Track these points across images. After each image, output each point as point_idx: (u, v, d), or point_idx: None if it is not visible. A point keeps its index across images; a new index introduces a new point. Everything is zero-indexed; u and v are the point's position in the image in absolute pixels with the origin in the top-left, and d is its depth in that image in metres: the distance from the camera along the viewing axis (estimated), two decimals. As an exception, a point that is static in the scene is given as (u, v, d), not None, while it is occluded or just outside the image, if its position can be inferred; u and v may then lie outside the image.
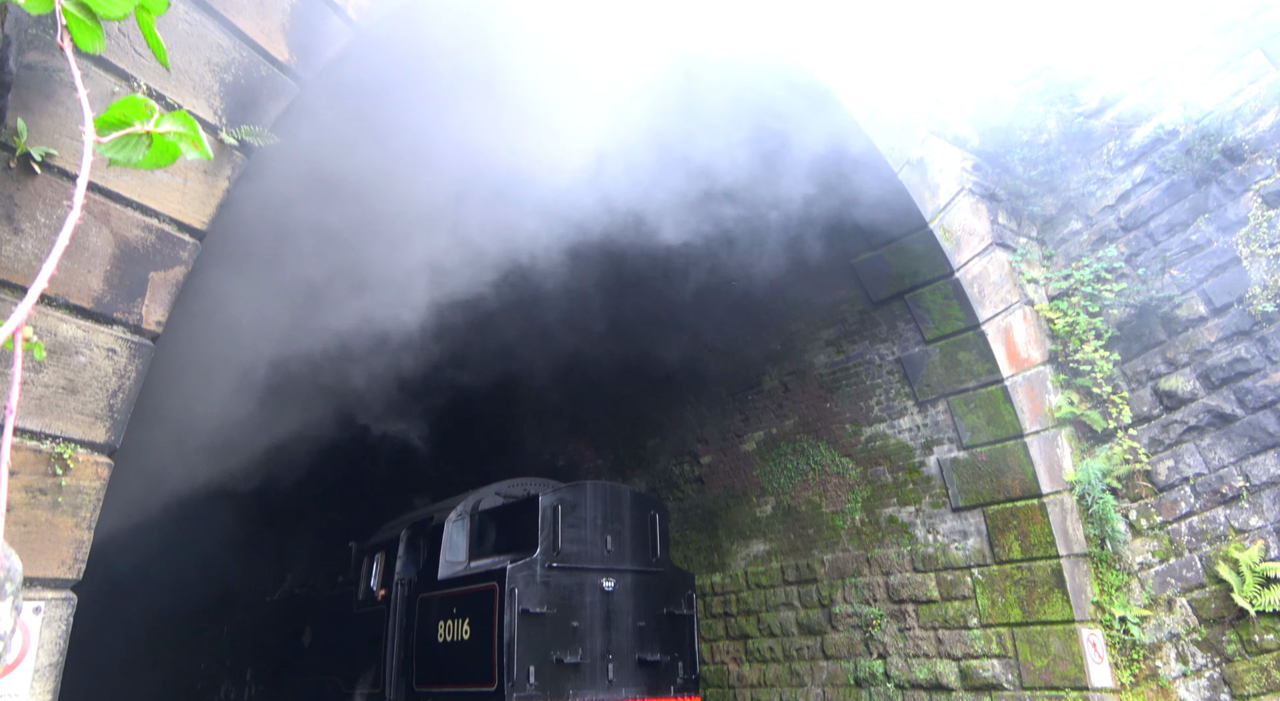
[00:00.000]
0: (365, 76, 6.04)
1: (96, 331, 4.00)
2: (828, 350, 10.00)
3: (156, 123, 1.33)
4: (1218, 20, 8.18)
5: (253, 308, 7.44)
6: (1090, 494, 8.03)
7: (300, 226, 6.88)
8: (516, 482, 10.07)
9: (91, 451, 3.96)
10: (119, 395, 4.07)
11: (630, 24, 6.58)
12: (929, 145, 8.58)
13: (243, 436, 9.65)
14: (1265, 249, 7.48)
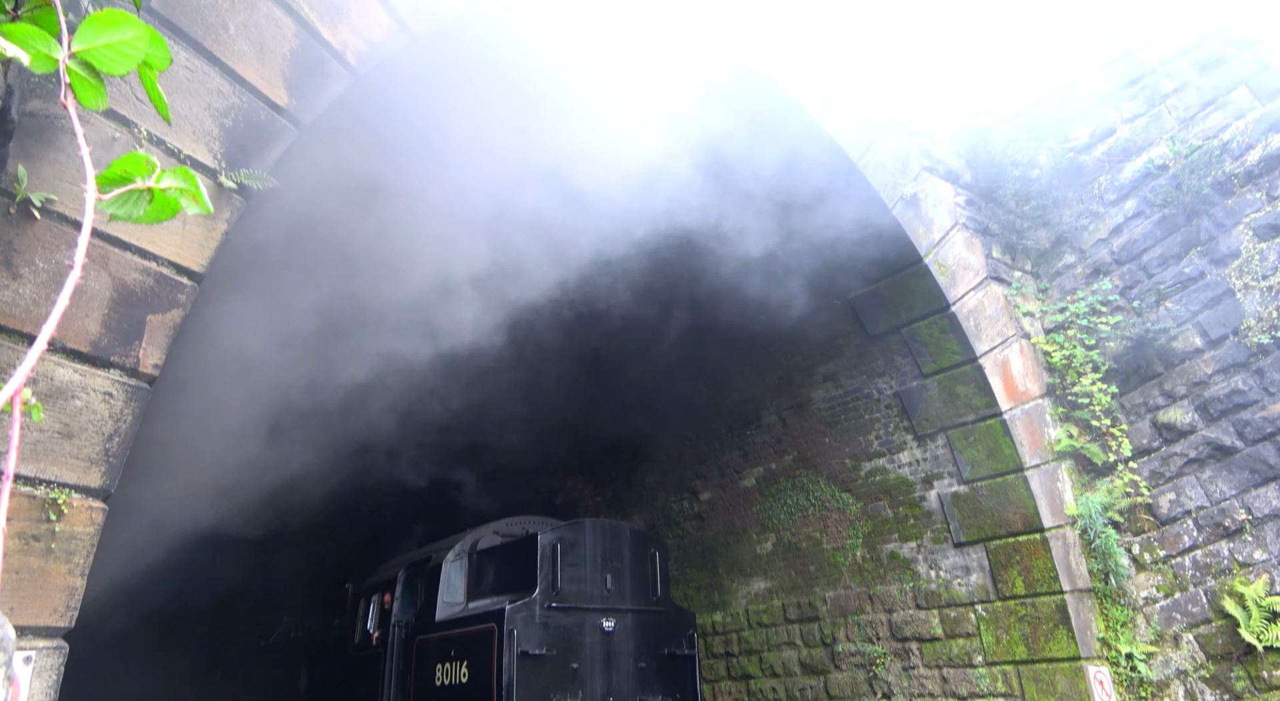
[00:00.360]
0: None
1: (93, 375, 3.99)
2: (826, 385, 9.99)
3: (158, 179, 1.34)
4: (1202, 57, 8.32)
5: (250, 350, 7.43)
6: (1092, 528, 7.98)
7: (297, 265, 6.91)
8: (515, 521, 9.95)
9: (86, 496, 3.92)
10: (115, 439, 4.04)
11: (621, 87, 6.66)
12: (922, 181, 8.67)
13: (239, 479, 9.59)
14: (1259, 281, 7.52)
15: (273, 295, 6.97)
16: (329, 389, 8.60)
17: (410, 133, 6.54)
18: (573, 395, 11.36)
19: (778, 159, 7.89)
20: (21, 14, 1.73)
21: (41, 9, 1.72)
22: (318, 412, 9.04)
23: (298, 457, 9.80)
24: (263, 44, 4.81)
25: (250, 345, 7.33)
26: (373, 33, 5.34)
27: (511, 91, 6.49)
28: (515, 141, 6.84)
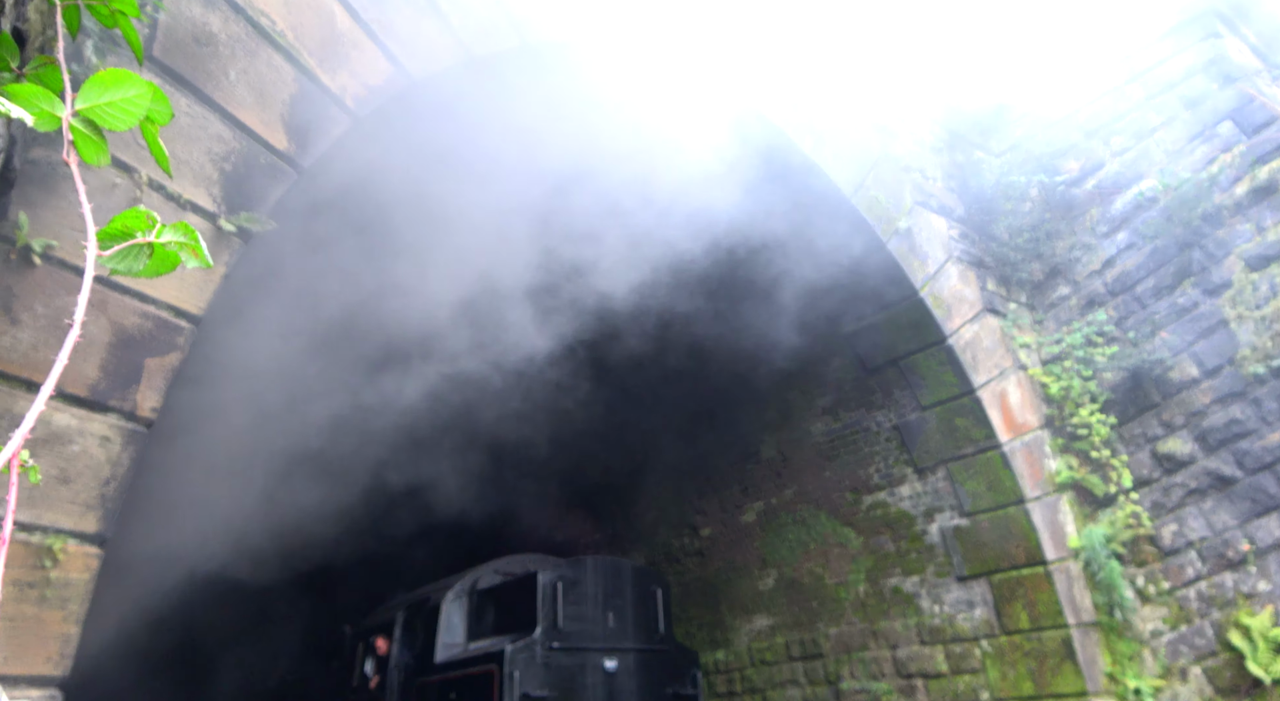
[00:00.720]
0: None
1: (91, 420, 3.99)
2: (824, 418, 9.98)
3: (158, 234, 1.36)
4: (1187, 92, 8.47)
5: (251, 393, 7.44)
6: (1095, 560, 7.93)
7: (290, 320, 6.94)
8: (515, 559, 9.81)
9: (82, 542, 3.90)
10: (111, 484, 4.03)
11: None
12: (916, 215, 8.75)
13: (237, 522, 9.53)
14: (1252, 311, 7.57)
15: (273, 338, 7.00)
16: (332, 430, 8.58)
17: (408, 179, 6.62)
18: (571, 432, 11.33)
19: (771, 195, 7.97)
20: (27, 71, 1.77)
21: (46, 66, 1.76)
22: (320, 454, 9.02)
23: (297, 499, 9.75)
24: (263, 90, 4.88)
25: (251, 389, 7.35)
26: (371, 77, 5.43)
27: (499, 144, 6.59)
28: (517, 182, 6.92)
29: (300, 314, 7.15)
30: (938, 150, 9.43)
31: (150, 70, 4.32)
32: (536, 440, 11.44)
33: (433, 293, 7.59)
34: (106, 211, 4.04)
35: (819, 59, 8.36)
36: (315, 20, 5.18)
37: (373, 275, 7.32)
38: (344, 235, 6.79)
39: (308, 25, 5.14)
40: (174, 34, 4.44)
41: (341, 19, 5.32)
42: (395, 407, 8.81)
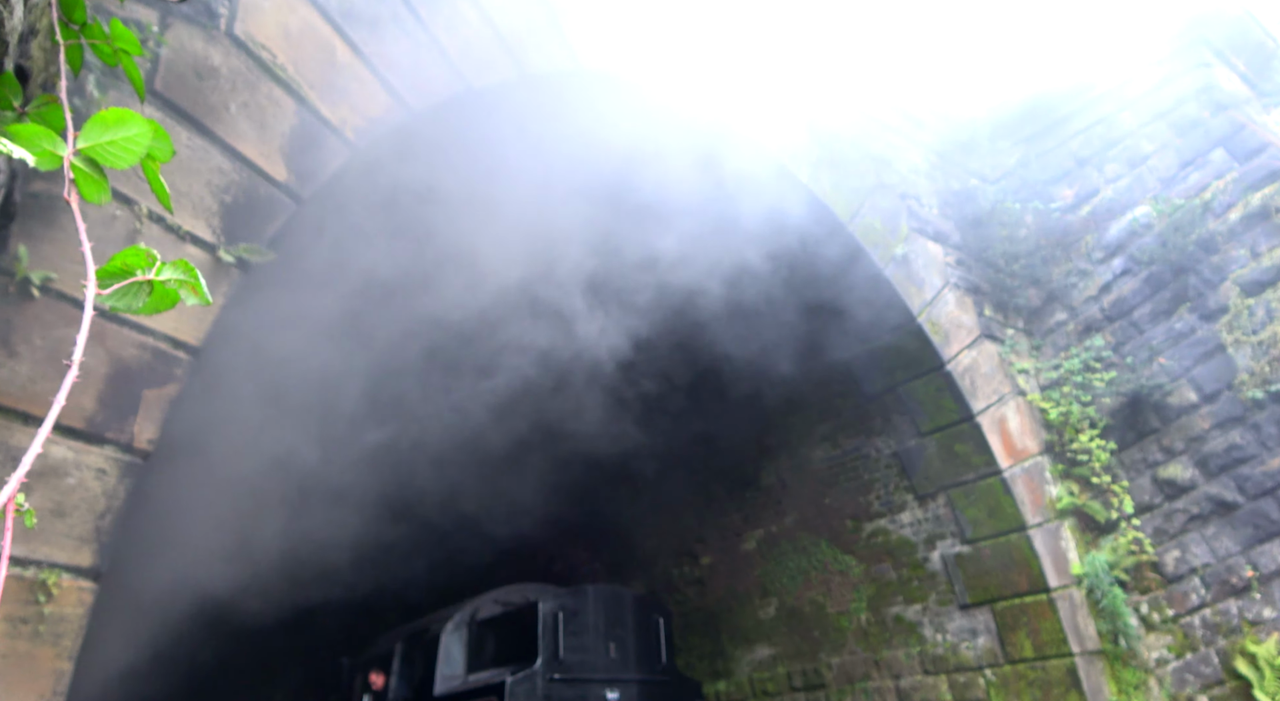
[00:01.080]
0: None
1: (87, 452, 3.97)
2: (824, 445, 9.95)
3: (158, 272, 1.36)
4: (1179, 120, 8.56)
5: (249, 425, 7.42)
6: (1099, 587, 7.87)
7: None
8: (515, 589, 9.69)
9: (76, 576, 3.86)
10: (107, 516, 4.00)
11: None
12: (912, 242, 8.80)
13: (234, 553, 9.46)
14: (1249, 336, 7.59)
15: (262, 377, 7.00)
16: (330, 463, 8.55)
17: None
18: (568, 460, 11.28)
19: (770, 222, 8.02)
20: (30, 110, 1.78)
21: (49, 105, 1.78)
22: (318, 485, 8.98)
23: (295, 530, 9.69)
24: (263, 122, 4.92)
25: (251, 420, 7.33)
26: (371, 109, 5.48)
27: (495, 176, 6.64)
28: (525, 216, 6.97)
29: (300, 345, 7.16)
30: (932, 177, 9.50)
31: (152, 104, 4.35)
32: (535, 469, 11.40)
33: (438, 322, 7.62)
34: (107, 243, 4.07)
35: (814, 89, 8.45)
36: (315, 53, 5.24)
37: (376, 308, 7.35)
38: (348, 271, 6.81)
39: (308, 58, 5.19)
40: (175, 68, 4.49)
41: (342, 52, 5.38)
42: (398, 440, 8.79)
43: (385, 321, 7.51)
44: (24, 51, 2.31)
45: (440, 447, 10.41)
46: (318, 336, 6.98)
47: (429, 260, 6.91)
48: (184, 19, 4.58)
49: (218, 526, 8.95)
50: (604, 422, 10.63)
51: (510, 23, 6.19)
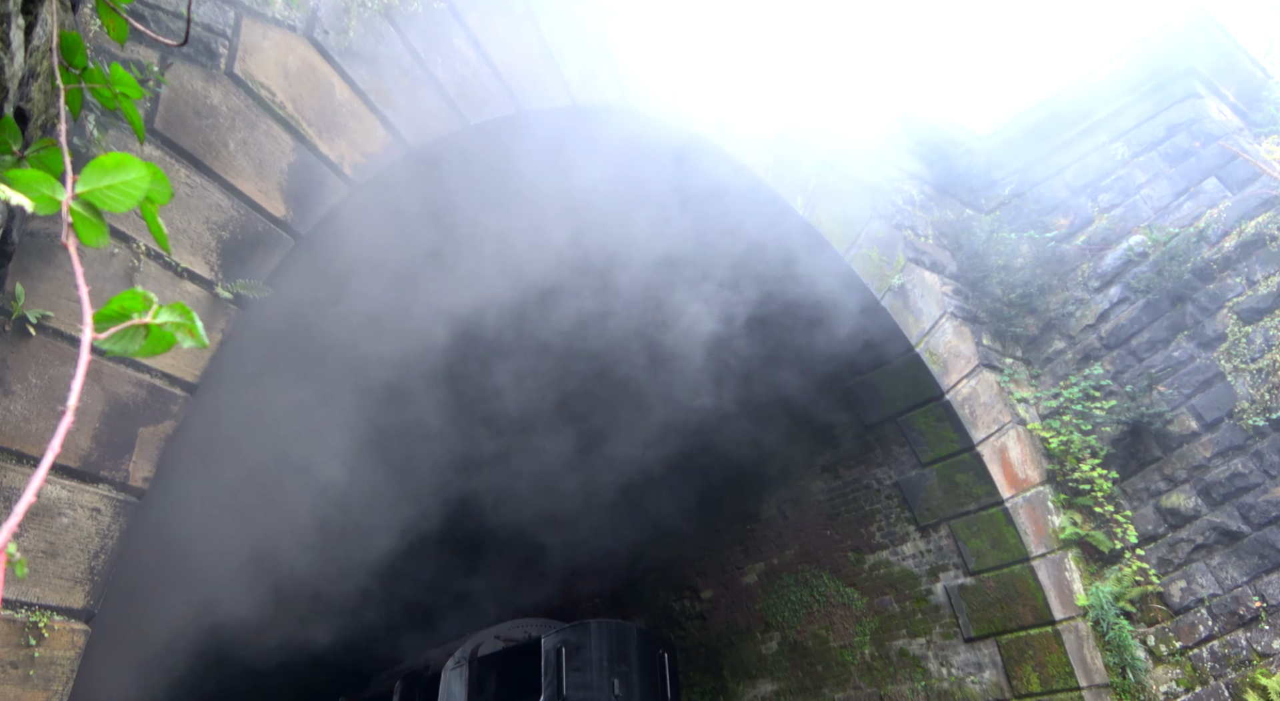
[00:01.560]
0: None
1: (82, 491, 3.92)
2: (824, 476, 9.89)
3: (155, 315, 1.34)
4: (1171, 150, 8.64)
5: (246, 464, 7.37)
6: (1105, 619, 7.77)
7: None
8: (517, 624, 9.54)
9: (69, 618, 3.79)
10: (100, 557, 3.94)
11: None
12: (909, 272, 8.82)
13: (228, 591, 9.33)
14: (1248, 364, 7.59)
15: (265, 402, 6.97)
16: (325, 501, 8.48)
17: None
18: (569, 494, 11.20)
19: (768, 254, 8.06)
20: (29, 154, 1.78)
21: (48, 149, 1.78)
22: (315, 524, 8.90)
23: (293, 568, 9.57)
24: (261, 160, 4.95)
25: (247, 459, 7.28)
26: (369, 145, 5.51)
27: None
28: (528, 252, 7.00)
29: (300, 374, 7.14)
30: (928, 208, 9.56)
31: (151, 142, 4.38)
32: (535, 503, 11.31)
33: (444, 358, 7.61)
34: (104, 281, 4.06)
35: (808, 123, 8.53)
36: (314, 91, 5.29)
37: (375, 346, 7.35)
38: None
39: (307, 96, 5.23)
40: (175, 107, 4.52)
41: (340, 90, 5.43)
42: (402, 476, 8.74)
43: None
44: (24, 94, 2.32)
45: (443, 482, 10.34)
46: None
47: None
48: (184, 59, 4.63)
49: (219, 562, 8.86)
50: (603, 458, 10.57)
51: (508, 60, 6.26)
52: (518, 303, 7.52)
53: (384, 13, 5.67)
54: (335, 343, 6.95)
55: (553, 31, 6.62)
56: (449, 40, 6.00)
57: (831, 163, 8.58)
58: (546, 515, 12.21)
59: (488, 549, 14.04)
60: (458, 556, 13.58)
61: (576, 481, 11.10)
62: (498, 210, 6.70)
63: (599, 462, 10.80)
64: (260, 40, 5.08)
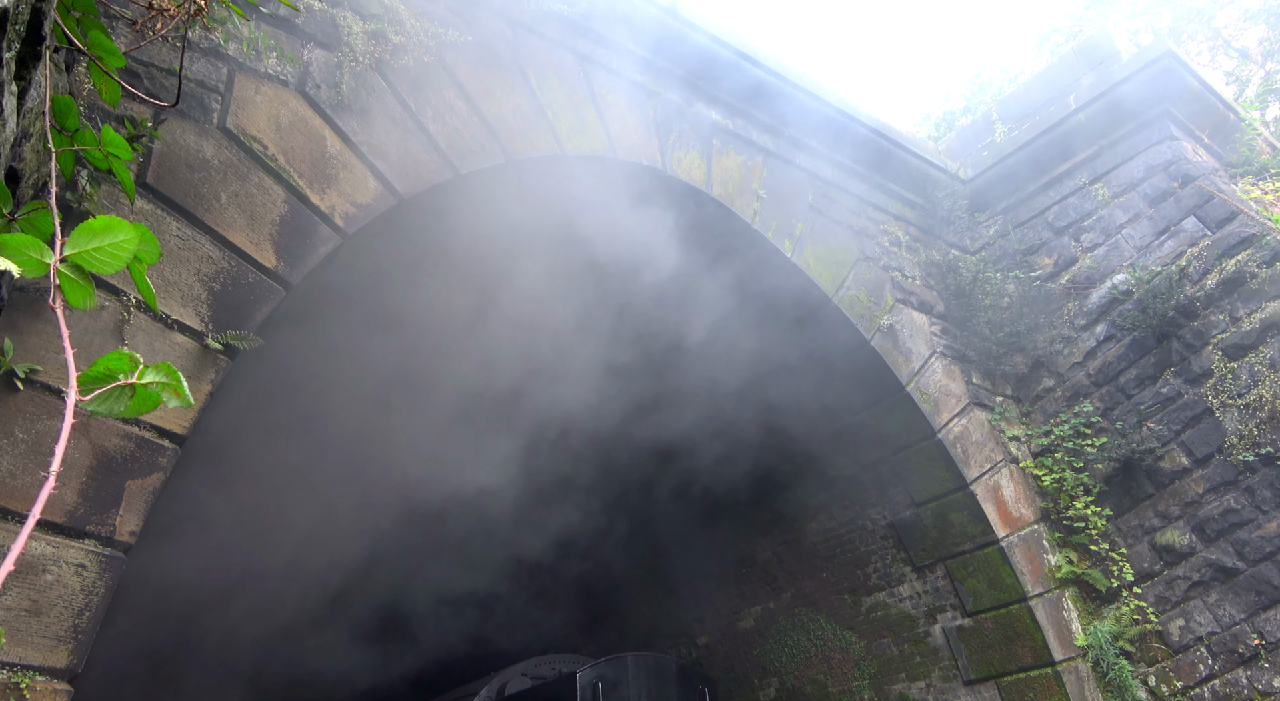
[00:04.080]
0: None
1: (67, 547, 3.88)
2: (819, 517, 9.84)
3: (140, 375, 1.36)
4: (1150, 191, 8.80)
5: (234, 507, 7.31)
6: (1104, 660, 7.69)
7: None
8: (544, 660, 8.99)
9: (51, 678, 3.72)
10: (85, 614, 3.88)
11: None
12: (897, 312, 8.90)
13: (234, 627, 9.13)
14: (1235, 400, 7.63)
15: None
16: (334, 538, 8.39)
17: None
18: (564, 545, 11.10)
19: (755, 298, 8.13)
20: (19, 216, 1.81)
21: (38, 210, 1.80)
22: (317, 562, 8.77)
23: (303, 612, 9.37)
24: (253, 211, 5.00)
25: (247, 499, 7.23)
26: (360, 196, 5.57)
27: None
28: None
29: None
30: (914, 249, 9.67)
31: (143, 197, 4.42)
32: (531, 551, 11.19)
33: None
34: (93, 334, 4.07)
35: (795, 166, 8.67)
36: (306, 143, 5.36)
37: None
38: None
39: (298, 148, 5.31)
40: (167, 161, 4.58)
41: (331, 141, 5.51)
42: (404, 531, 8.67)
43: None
44: (17, 155, 2.36)
45: (435, 535, 10.24)
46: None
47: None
48: (177, 114, 4.70)
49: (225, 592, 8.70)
50: (596, 509, 10.51)
51: (497, 112, 6.37)
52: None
53: (375, 67, 5.78)
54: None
55: (541, 82, 6.75)
56: (439, 92, 6.11)
57: (817, 207, 8.70)
58: (543, 566, 12.08)
59: (478, 599, 13.84)
60: (443, 606, 13.28)
61: (576, 533, 11.01)
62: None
63: (596, 514, 10.72)
64: (253, 95, 5.17)
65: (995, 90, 17.31)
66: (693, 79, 7.94)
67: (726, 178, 7.88)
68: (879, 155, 9.34)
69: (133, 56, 4.56)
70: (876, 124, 9.27)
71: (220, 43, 5.03)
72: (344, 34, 5.61)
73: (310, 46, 5.55)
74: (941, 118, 18.47)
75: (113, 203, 4.18)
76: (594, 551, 11.78)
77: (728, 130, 8.15)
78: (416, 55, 5.92)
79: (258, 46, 5.13)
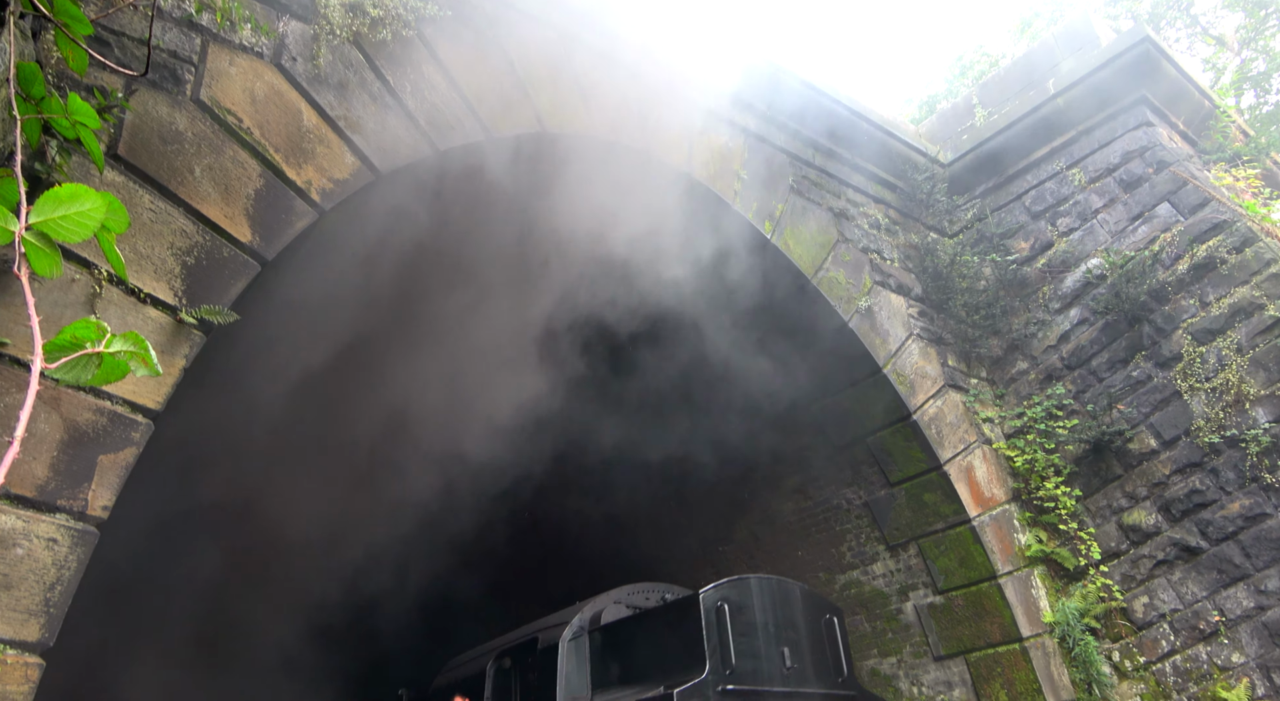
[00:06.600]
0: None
1: (38, 521, 3.86)
2: (794, 497, 9.95)
3: (107, 344, 1.36)
4: (1125, 176, 8.89)
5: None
6: (1071, 635, 7.87)
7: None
8: (636, 589, 7.96)
9: (22, 652, 3.71)
10: (57, 588, 3.87)
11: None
12: (875, 295, 8.96)
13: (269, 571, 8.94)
14: (1202, 383, 7.78)
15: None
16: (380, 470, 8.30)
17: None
18: (539, 524, 11.15)
19: (735, 278, 8.15)
20: (-17, 184, 1.79)
21: (3, 179, 1.79)
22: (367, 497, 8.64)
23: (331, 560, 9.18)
24: (228, 185, 4.95)
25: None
26: (337, 171, 5.52)
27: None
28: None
29: None
30: (893, 232, 9.73)
31: (115, 169, 4.36)
32: (499, 530, 11.22)
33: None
34: (64, 307, 4.02)
35: (778, 149, 8.67)
36: (282, 117, 5.30)
37: None
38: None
39: (274, 122, 5.25)
40: (139, 133, 4.51)
41: (308, 116, 5.44)
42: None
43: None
44: (-18, 122, 2.32)
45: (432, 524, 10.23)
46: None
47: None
48: (149, 85, 4.63)
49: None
50: (574, 485, 10.55)
51: (477, 87, 6.31)
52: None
53: (352, 40, 5.71)
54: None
55: (522, 59, 6.70)
56: (418, 68, 6.05)
57: (798, 188, 8.72)
58: (512, 546, 12.11)
59: (443, 581, 13.86)
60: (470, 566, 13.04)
61: (548, 512, 11.06)
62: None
63: (573, 493, 10.77)
64: (227, 67, 5.09)
65: (976, 73, 17.36)
66: (676, 58, 7.90)
67: (709, 158, 7.87)
68: (860, 137, 9.35)
69: (102, 24, 4.48)
70: (858, 107, 9.28)
71: (193, 12, 4.94)
72: (321, 6, 5.53)
73: (286, 18, 5.47)
74: (924, 101, 18.53)
75: (83, 174, 4.13)
76: (567, 533, 11.83)
77: (711, 111, 8.12)
78: (395, 29, 5.85)
79: (232, 17, 5.05)
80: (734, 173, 8.08)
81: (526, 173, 6.70)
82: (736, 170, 8.12)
